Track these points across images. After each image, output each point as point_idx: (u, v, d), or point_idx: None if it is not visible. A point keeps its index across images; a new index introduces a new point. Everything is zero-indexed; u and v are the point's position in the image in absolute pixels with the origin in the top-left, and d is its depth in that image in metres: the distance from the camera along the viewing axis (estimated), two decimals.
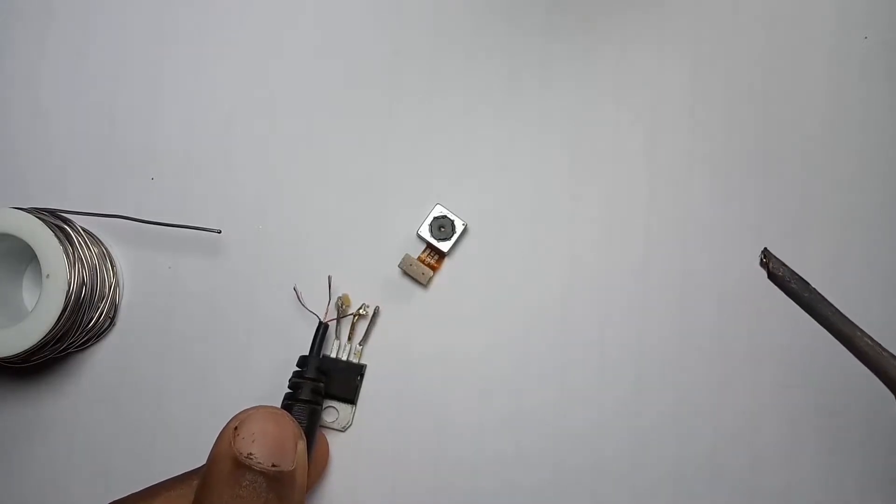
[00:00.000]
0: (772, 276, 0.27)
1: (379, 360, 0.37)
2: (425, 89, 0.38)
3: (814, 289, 0.27)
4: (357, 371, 0.36)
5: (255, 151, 0.38)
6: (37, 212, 0.35)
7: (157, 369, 0.37)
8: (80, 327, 0.35)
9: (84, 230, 0.36)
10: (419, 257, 0.37)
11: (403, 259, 0.36)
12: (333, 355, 0.36)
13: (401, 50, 0.39)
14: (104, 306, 0.36)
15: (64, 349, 0.35)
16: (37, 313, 0.33)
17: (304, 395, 0.33)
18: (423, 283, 0.37)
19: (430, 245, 0.37)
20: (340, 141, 0.38)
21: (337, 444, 0.36)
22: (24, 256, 0.36)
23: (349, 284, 0.37)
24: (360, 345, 0.36)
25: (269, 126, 0.38)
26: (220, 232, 0.36)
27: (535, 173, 0.38)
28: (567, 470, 0.36)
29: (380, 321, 0.37)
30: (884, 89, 0.38)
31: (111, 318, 0.37)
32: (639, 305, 0.37)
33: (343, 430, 0.36)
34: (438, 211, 0.37)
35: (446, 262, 0.37)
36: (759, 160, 0.38)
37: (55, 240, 0.34)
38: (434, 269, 0.37)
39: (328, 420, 0.36)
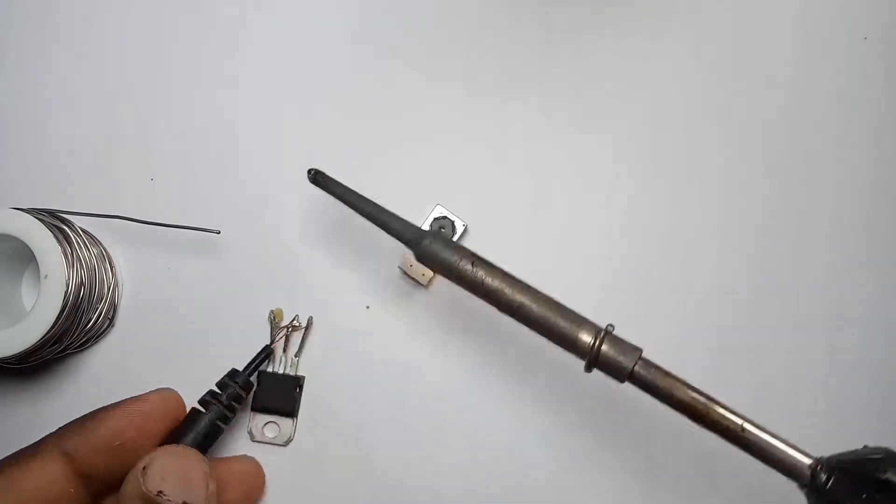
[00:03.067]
0: (314, 182, 0.33)
1: (379, 363, 0.37)
2: (425, 90, 0.38)
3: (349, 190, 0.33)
4: (295, 383, 0.36)
5: (254, 152, 0.38)
6: (35, 212, 0.35)
7: (156, 370, 0.37)
8: (78, 328, 0.35)
9: (83, 230, 0.36)
10: None
11: (404, 259, 0.36)
12: (271, 369, 0.36)
13: (400, 50, 0.38)
14: (103, 307, 0.36)
15: (63, 350, 0.35)
16: (35, 314, 0.33)
17: (209, 418, 0.32)
18: (424, 284, 0.37)
19: None
20: (340, 141, 0.38)
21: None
22: (23, 257, 0.36)
23: (349, 285, 0.37)
24: (295, 357, 0.36)
25: (268, 126, 0.38)
26: (219, 232, 0.36)
27: (536, 174, 0.38)
28: (567, 477, 0.36)
29: (381, 322, 0.37)
30: (884, 89, 0.38)
31: (110, 319, 0.37)
32: (640, 306, 0.37)
33: (285, 444, 0.36)
34: (439, 211, 0.37)
35: None
36: (760, 160, 0.38)
37: (53, 240, 0.34)
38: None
39: (269, 436, 0.35)
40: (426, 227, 0.37)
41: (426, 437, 0.36)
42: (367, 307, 0.37)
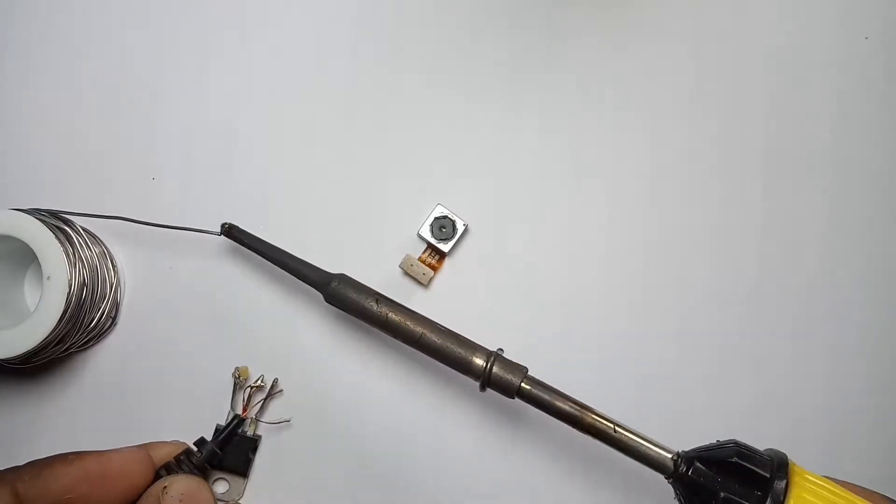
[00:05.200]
0: (227, 235, 0.35)
1: (382, 365, 0.37)
2: (425, 90, 0.38)
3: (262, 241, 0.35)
4: (251, 445, 0.36)
5: (255, 152, 0.38)
6: (37, 213, 0.35)
7: (158, 369, 0.37)
8: (81, 328, 0.35)
9: (84, 230, 0.36)
10: (420, 257, 0.37)
11: (404, 259, 0.37)
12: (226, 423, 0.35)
13: (401, 50, 0.38)
14: (105, 306, 0.36)
15: (66, 349, 0.35)
16: (38, 314, 0.33)
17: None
18: (424, 284, 0.37)
19: (430, 245, 0.37)
20: (341, 141, 0.38)
21: None
22: (25, 257, 0.36)
23: None
24: (255, 417, 0.36)
25: (268, 127, 0.38)
26: (219, 233, 0.36)
27: (536, 174, 0.38)
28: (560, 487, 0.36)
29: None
30: (884, 89, 0.38)
31: (112, 318, 0.37)
32: (640, 306, 0.37)
33: (233, 503, 0.36)
34: (439, 211, 0.37)
35: (447, 262, 0.37)
36: (760, 160, 0.38)
37: (55, 241, 0.34)
38: (435, 269, 0.37)
39: (219, 491, 0.35)
40: (426, 227, 0.37)
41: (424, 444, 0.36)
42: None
